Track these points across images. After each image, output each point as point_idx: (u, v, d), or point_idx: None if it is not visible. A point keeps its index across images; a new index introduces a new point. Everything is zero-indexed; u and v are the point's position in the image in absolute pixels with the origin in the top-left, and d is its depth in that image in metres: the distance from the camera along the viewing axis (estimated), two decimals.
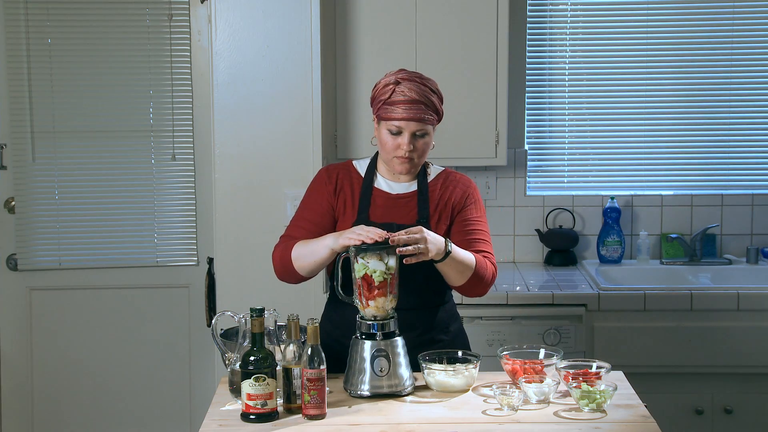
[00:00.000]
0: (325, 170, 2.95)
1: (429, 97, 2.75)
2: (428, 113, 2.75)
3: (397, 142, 2.77)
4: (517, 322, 3.84)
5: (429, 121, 2.76)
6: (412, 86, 2.74)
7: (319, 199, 2.90)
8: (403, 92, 2.73)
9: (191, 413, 4.36)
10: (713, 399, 3.91)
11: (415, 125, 2.75)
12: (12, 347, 4.30)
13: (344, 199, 2.88)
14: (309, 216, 2.89)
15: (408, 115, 2.73)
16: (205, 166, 4.16)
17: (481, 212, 2.93)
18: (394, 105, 2.74)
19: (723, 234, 4.43)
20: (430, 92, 2.76)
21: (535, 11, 4.38)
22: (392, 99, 2.74)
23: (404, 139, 2.76)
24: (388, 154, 2.81)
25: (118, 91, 4.21)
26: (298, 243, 2.82)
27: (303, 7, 3.75)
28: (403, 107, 2.73)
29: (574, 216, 4.45)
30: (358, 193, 2.88)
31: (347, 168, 2.94)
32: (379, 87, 2.79)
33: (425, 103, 2.74)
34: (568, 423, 2.49)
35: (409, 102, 2.73)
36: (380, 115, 2.78)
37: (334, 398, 2.63)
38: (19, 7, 4.11)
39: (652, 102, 4.42)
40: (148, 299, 4.32)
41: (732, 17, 4.35)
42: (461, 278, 2.78)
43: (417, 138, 2.77)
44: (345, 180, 2.90)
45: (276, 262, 2.88)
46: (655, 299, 3.86)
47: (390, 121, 2.75)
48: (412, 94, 2.73)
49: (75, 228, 4.24)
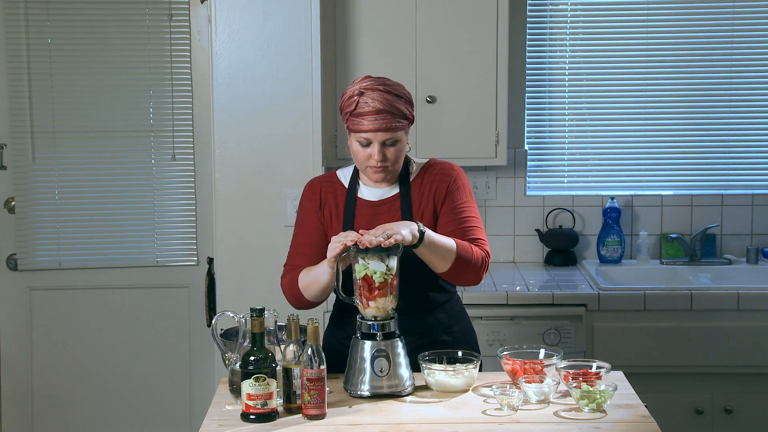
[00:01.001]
0: (309, 186, 2.94)
1: (395, 105, 2.71)
2: (395, 121, 2.71)
3: (368, 153, 2.75)
4: (517, 322, 3.84)
5: (397, 128, 2.72)
6: (375, 96, 2.70)
7: (308, 217, 2.91)
8: (367, 103, 2.70)
9: (191, 413, 4.36)
10: (713, 399, 3.91)
11: (382, 135, 2.71)
12: (12, 347, 4.30)
13: (330, 213, 2.88)
14: (304, 239, 2.90)
15: (374, 126, 2.70)
16: (205, 166, 4.16)
17: (467, 196, 2.87)
18: (360, 117, 2.71)
19: (723, 234, 4.43)
20: (395, 99, 2.72)
21: (535, 11, 4.38)
22: (357, 111, 2.71)
23: (374, 149, 2.73)
24: (361, 165, 2.80)
25: (118, 91, 4.21)
26: (302, 273, 2.85)
27: (303, 7, 3.75)
28: (369, 119, 2.70)
29: (574, 216, 4.45)
30: (342, 205, 2.87)
31: (331, 180, 2.93)
32: (345, 98, 2.76)
33: (391, 112, 2.70)
34: (568, 423, 2.49)
35: (374, 113, 2.69)
36: (349, 126, 2.76)
37: (334, 398, 2.63)
38: (19, 7, 4.11)
39: (652, 102, 4.42)
40: (148, 299, 4.32)
41: (732, 17, 4.35)
42: (445, 263, 2.72)
43: (387, 147, 2.74)
44: (329, 193, 2.89)
45: (287, 294, 2.91)
46: (655, 299, 3.86)
47: (358, 133, 2.73)
48: (377, 104, 2.69)
49: (75, 228, 4.25)
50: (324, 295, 2.84)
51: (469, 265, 2.76)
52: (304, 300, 2.87)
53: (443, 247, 2.71)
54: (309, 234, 2.90)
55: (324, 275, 2.75)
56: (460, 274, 2.77)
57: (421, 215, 2.84)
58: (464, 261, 2.75)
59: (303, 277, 2.84)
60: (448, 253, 2.72)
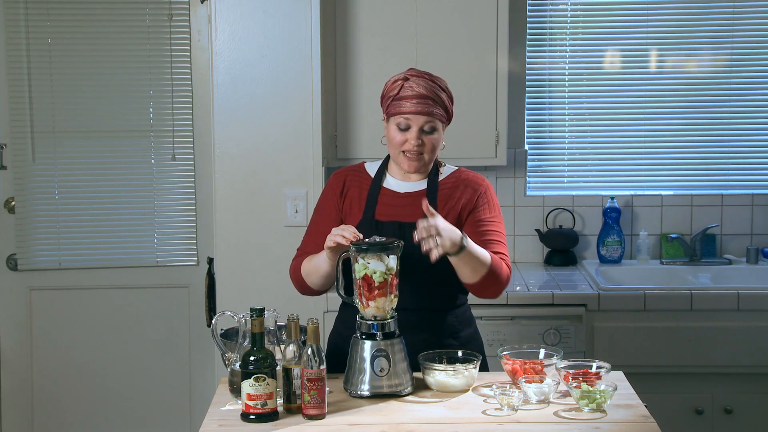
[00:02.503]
0: (336, 174, 2.97)
1: (438, 94, 2.77)
2: (437, 108, 2.77)
3: (405, 137, 2.78)
4: (517, 322, 3.84)
5: (437, 116, 2.77)
6: (420, 82, 2.76)
7: (327, 205, 2.92)
8: (411, 87, 2.75)
9: (191, 413, 4.36)
10: (713, 399, 3.91)
11: (423, 119, 2.76)
12: (12, 347, 4.30)
13: (351, 199, 2.89)
14: (318, 226, 2.90)
15: (416, 108, 2.74)
16: (205, 166, 4.16)
17: (495, 212, 2.88)
18: (402, 100, 2.76)
19: (723, 234, 4.43)
20: (439, 89, 2.78)
21: (535, 11, 4.38)
22: (401, 94, 2.76)
23: (412, 133, 2.77)
24: (396, 149, 2.81)
25: (118, 91, 4.21)
26: (305, 260, 2.86)
27: (303, 7, 3.75)
28: (412, 102, 2.75)
29: (574, 216, 4.45)
30: (366, 193, 2.88)
31: (358, 170, 2.95)
32: (389, 84, 2.82)
33: (434, 99, 2.76)
34: (568, 423, 2.49)
35: (417, 96, 2.75)
36: (389, 111, 2.80)
37: (334, 398, 2.63)
38: (19, 7, 4.11)
39: (652, 102, 4.42)
40: (148, 299, 4.32)
41: (732, 17, 4.35)
42: (475, 275, 2.70)
43: (425, 134, 2.78)
44: (354, 180, 2.91)
45: (293, 280, 2.93)
46: (655, 299, 3.86)
47: (398, 115, 2.77)
48: (421, 89, 2.75)
49: (75, 228, 4.25)
50: (326, 284, 2.84)
51: (496, 281, 2.75)
52: (307, 287, 2.89)
53: (478, 261, 2.69)
54: (324, 222, 2.89)
55: (324, 264, 2.76)
56: (485, 288, 2.76)
57: (446, 214, 2.81)
58: (494, 277, 2.73)
59: (305, 265, 2.86)
60: (481, 267, 2.70)
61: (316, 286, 2.86)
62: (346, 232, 2.63)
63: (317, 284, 2.85)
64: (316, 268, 2.81)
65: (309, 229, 2.96)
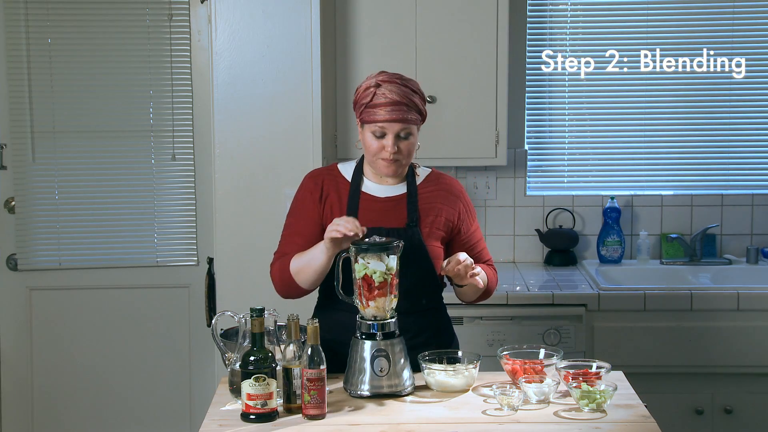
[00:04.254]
0: (310, 177, 2.94)
1: (411, 98, 2.75)
2: (411, 114, 2.76)
3: (381, 144, 2.77)
4: (517, 322, 3.84)
5: (412, 121, 2.77)
6: (393, 88, 2.74)
7: (306, 209, 2.89)
8: (384, 94, 2.73)
9: (191, 413, 4.36)
10: (713, 399, 3.91)
11: (398, 126, 2.75)
12: (12, 347, 4.30)
13: (331, 205, 2.87)
14: (298, 229, 2.88)
15: (390, 116, 2.73)
16: (205, 166, 4.16)
17: (473, 218, 2.97)
18: (376, 108, 2.74)
19: (723, 234, 4.43)
20: (411, 93, 2.76)
21: (535, 11, 4.38)
22: (374, 102, 2.74)
23: (388, 140, 2.76)
24: (373, 157, 2.81)
25: (118, 91, 4.21)
26: (294, 257, 2.82)
27: (303, 7, 3.75)
28: (386, 109, 2.73)
29: (574, 216, 4.45)
30: (345, 199, 2.87)
31: (333, 173, 2.93)
32: (360, 90, 2.79)
33: (407, 104, 2.74)
34: (568, 423, 2.49)
35: (391, 104, 2.73)
36: (363, 118, 2.78)
37: (334, 398, 2.63)
38: (19, 7, 4.11)
39: (652, 102, 4.42)
40: (148, 299, 4.32)
41: (732, 17, 4.35)
42: (474, 294, 2.89)
43: (401, 139, 2.77)
44: (331, 186, 2.89)
45: (276, 280, 2.88)
46: (655, 299, 3.86)
47: (373, 123, 2.75)
48: (394, 96, 2.73)
49: (75, 228, 4.25)
50: (316, 281, 2.80)
51: (488, 294, 2.95)
52: (293, 286, 2.83)
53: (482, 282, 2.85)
54: (304, 225, 2.87)
55: (319, 257, 2.72)
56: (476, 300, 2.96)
57: (430, 221, 2.86)
58: (488, 292, 2.94)
59: (296, 261, 2.81)
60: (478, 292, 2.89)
61: (306, 284, 2.81)
62: (350, 224, 2.62)
63: (308, 281, 2.80)
64: (308, 264, 2.76)
65: (286, 232, 2.92)
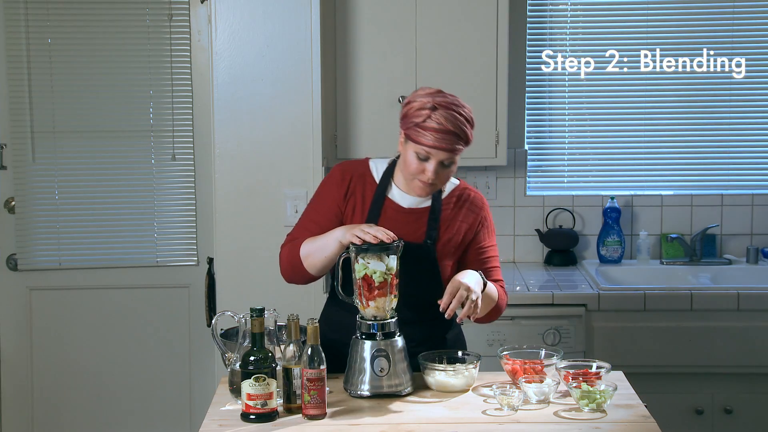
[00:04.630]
0: (340, 170, 2.89)
1: (462, 128, 2.67)
2: (459, 144, 2.68)
3: (423, 167, 2.70)
4: (517, 322, 3.84)
5: (459, 151, 2.71)
6: (448, 116, 2.65)
7: (329, 201, 2.86)
8: (438, 120, 2.65)
9: (191, 413, 4.36)
10: (713, 399, 3.91)
11: (444, 155, 2.68)
12: (12, 347, 4.30)
13: (354, 204, 2.84)
14: (316, 218, 2.85)
15: (439, 144, 2.66)
16: (205, 166, 4.16)
17: (491, 235, 2.91)
18: (426, 130, 2.65)
19: (723, 234, 4.43)
20: (464, 122, 2.68)
21: (535, 11, 4.38)
22: (425, 124, 2.65)
23: (431, 165, 2.69)
24: (411, 176, 2.75)
25: (118, 91, 4.21)
26: (306, 241, 2.79)
27: (303, 7, 3.75)
28: (436, 135, 2.65)
29: (574, 216, 4.45)
30: (369, 201, 2.83)
31: (363, 170, 2.88)
32: (414, 107, 2.69)
33: (458, 134, 2.67)
34: (568, 423, 2.49)
35: (443, 131, 2.64)
36: (410, 135, 2.70)
37: (334, 398, 2.63)
38: (19, 7, 4.11)
39: (652, 102, 4.42)
40: (148, 299, 4.32)
41: (732, 17, 4.35)
42: (484, 311, 2.80)
43: (443, 167, 2.71)
44: (358, 184, 2.85)
45: (284, 262, 2.86)
46: (655, 299, 3.86)
47: (419, 145, 2.68)
48: (447, 125, 2.65)
49: (75, 228, 4.25)
50: (323, 269, 2.78)
51: (497, 314, 2.88)
52: (300, 270, 2.81)
53: (490, 298, 2.81)
54: (322, 216, 2.85)
55: (333, 244, 2.70)
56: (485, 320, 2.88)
57: (448, 238, 2.83)
58: (497, 311, 2.87)
59: (307, 245, 2.78)
60: (491, 303, 2.83)
61: (314, 269, 2.79)
62: (379, 233, 2.60)
63: (316, 268, 2.78)
64: (321, 248, 2.73)
65: (304, 218, 2.89)
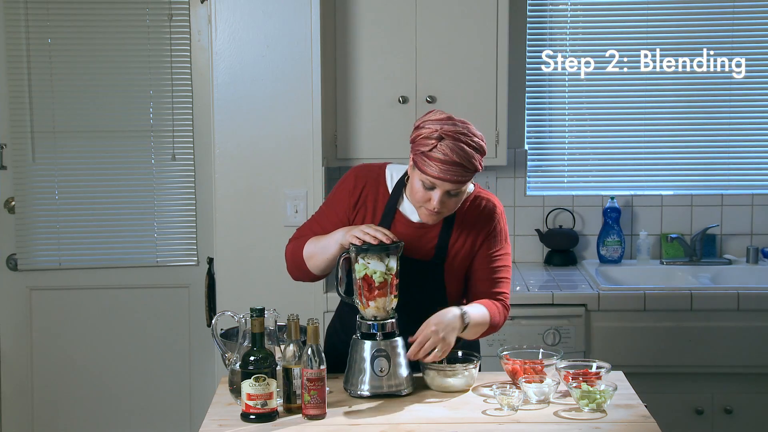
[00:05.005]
0: (354, 176, 2.84)
1: (471, 160, 2.59)
2: (466, 175, 2.61)
3: (428, 196, 2.65)
4: (517, 322, 3.84)
5: (465, 181, 2.64)
6: (455, 147, 2.57)
7: (338, 208, 2.83)
8: (444, 151, 2.57)
9: (191, 413, 4.36)
10: (713, 399, 3.91)
11: (449, 185, 2.62)
12: (12, 347, 4.30)
13: (364, 215, 2.81)
14: (323, 223, 2.84)
15: (445, 176, 2.59)
16: (205, 166, 4.16)
17: (503, 242, 2.82)
18: (431, 160, 2.58)
19: (723, 234, 4.43)
20: (473, 153, 2.59)
21: (535, 11, 4.38)
22: (431, 154, 2.58)
23: (436, 195, 2.62)
24: (417, 203, 2.70)
25: (118, 91, 4.21)
26: (309, 241, 2.79)
27: (303, 7, 3.75)
28: (442, 167, 2.57)
29: (574, 216, 4.45)
30: (380, 213, 2.80)
31: (378, 178, 2.82)
32: (422, 134, 2.61)
33: (465, 166, 2.58)
34: (568, 423, 2.49)
35: (449, 163, 2.57)
36: (416, 163, 2.62)
37: (334, 398, 2.63)
38: (19, 7, 4.11)
39: (652, 102, 4.42)
40: (148, 299, 4.32)
41: (732, 17, 4.35)
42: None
43: (450, 197, 2.66)
44: (370, 194, 2.81)
45: (288, 260, 2.86)
46: (655, 299, 3.86)
47: (425, 174, 2.62)
48: (454, 156, 2.56)
49: (75, 228, 4.25)
50: (326, 269, 2.78)
51: (492, 331, 2.81)
52: (304, 269, 2.81)
53: (480, 325, 2.74)
54: (329, 222, 2.83)
55: (334, 246, 2.70)
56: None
57: (455, 253, 2.78)
58: (492, 328, 2.79)
59: (310, 246, 2.78)
60: (482, 328, 2.76)
61: (317, 270, 2.79)
62: (378, 233, 2.59)
63: (318, 268, 2.78)
64: (323, 250, 2.73)
65: (314, 217, 2.88)
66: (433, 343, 2.62)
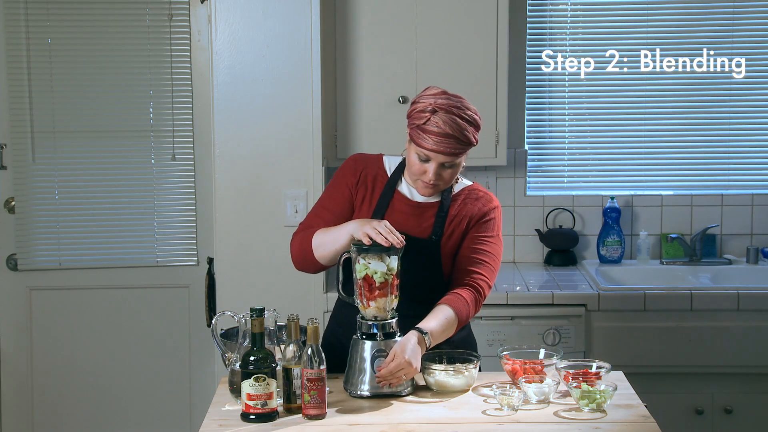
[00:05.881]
0: (353, 160, 2.91)
1: (463, 132, 2.65)
2: (459, 147, 2.67)
3: (424, 168, 2.70)
4: (517, 322, 3.84)
5: (459, 154, 2.69)
6: (447, 119, 2.63)
7: (342, 187, 2.86)
8: (437, 124, 2.63)
9: (191, 413, 4.36)
10: (713, 399, 3.91)
11: (443, 158, 2.67)
12: (12, 347, 4.30)
13: (364, 194, 2.85)
14: (329, 205, 2.87)
15: (438, 148, 2.65)
16: (205, 166, 4.16)
17: (494, 232, 2.85)
18: (426, 133, 2.65)
19: (723, 234, 4.43)
20: (466, 125, 2.66)
21: (535, 11, 4.38)
22: (425, 127, 2.65)
23: (431, 167, 2.69)
24: (413, 176, 2.76)
25: (118, 91, 4.21)
26: (318, 231, 2.80)
27: (303, 7, 3.75)
28: (435, 139, 2.64)
29: (574, 216, 4.45)
30: (378, 193, 2.84)
31: (376, 164, 2.89)
32: (417, 108, 2.69)
33: (458, 138, 2.65)
34: (568, 423, 2.49)
35: (442, 135, 2.63)
36: (412, 136, 2.70)
37: (334, 398, 2.63)
38: (19, 7, 4.11)
39: (652, 102, 4.42)
40: (148, 299, 4.32)
41: (732, 17, 4.35)
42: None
43: (444, 168, 2.71)
44: (369, 175, 2.86)
45: (295, 250, 2.85)
46: (655, 299, 3.86)
47: (420, 147, 2.68)
48: (446, 128, 2.63)
49: (75, 228, 4.24)
50: (333, 260, 2.78)
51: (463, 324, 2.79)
52: (310, 259, 2.81)
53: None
54: (335, 203, 2.85)
55: (345, 237, 2.70)
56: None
57: (451, 232, 2.81)
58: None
59: (320, 235, 2.78)
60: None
61: (324, 260, 2.79)
62: (390, 236, 2.59)
63: (326, 258, 2.78)
64: (333, 240, 2.73)
65: (317, 205, 2.90)
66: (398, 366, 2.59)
